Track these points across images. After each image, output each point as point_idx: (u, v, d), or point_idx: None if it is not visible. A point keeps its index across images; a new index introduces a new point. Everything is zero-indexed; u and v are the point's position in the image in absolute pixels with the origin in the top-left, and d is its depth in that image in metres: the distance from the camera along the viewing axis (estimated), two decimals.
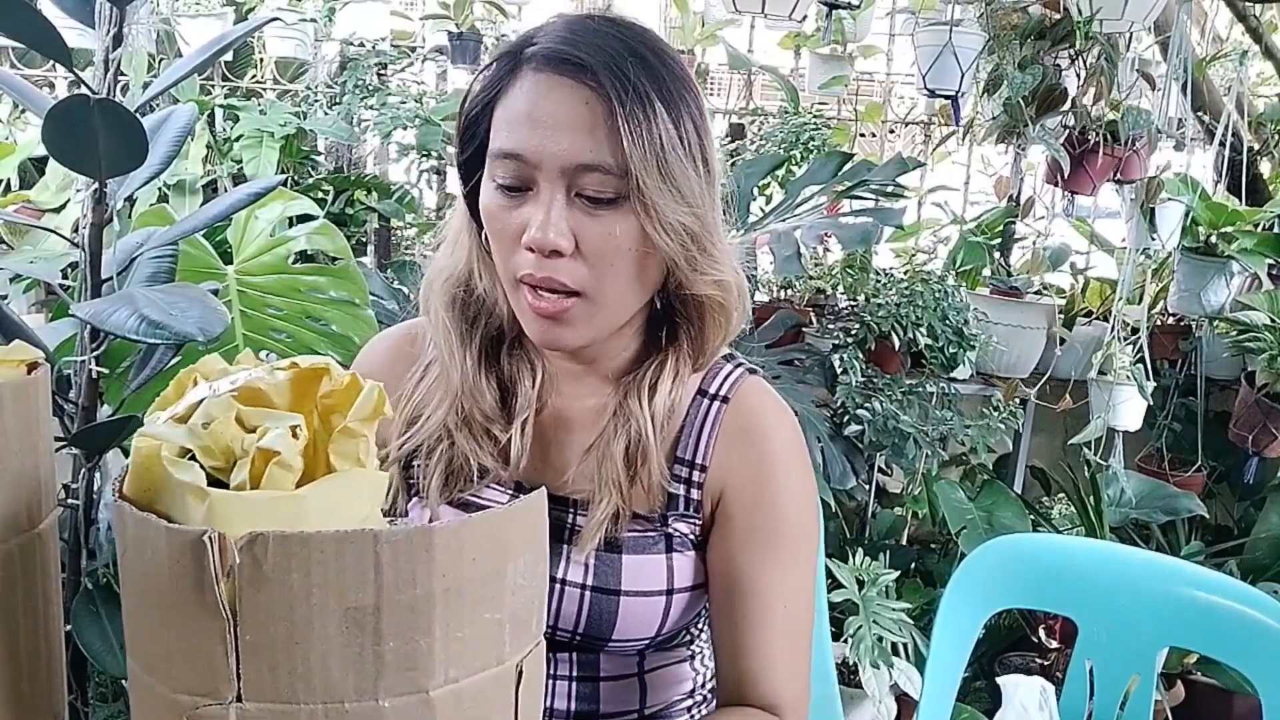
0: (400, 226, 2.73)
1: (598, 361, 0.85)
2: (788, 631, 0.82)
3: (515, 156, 0.73)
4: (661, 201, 0.72)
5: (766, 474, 0.84)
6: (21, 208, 2.17)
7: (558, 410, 0.87)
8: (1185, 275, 2.53)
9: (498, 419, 0.84)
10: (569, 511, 0.85)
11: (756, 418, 0.86)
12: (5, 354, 0.57)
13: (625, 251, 0.74)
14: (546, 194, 0.73)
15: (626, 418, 0.82)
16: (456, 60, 2.85)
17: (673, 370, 0.83)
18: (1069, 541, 1.49)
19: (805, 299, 2.60)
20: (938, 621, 1.23)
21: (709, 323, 0.82)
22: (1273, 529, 2.38)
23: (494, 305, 0.84)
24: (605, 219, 0.73)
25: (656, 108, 0.72)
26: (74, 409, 1.25)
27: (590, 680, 0.87)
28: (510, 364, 0.85)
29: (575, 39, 0.73)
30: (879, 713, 1.82)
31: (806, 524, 0.86)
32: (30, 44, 1.07)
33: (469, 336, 0.84)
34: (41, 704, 0.58)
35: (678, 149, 0.73)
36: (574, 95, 0.72)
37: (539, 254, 0.73)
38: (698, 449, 0.85)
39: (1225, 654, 1.20)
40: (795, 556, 0.84)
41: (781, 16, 2.42)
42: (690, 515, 0.85)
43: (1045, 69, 2.33)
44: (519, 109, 0.74)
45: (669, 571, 0.84)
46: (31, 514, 0.56)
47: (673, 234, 0.74)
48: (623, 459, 0.81)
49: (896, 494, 2.49)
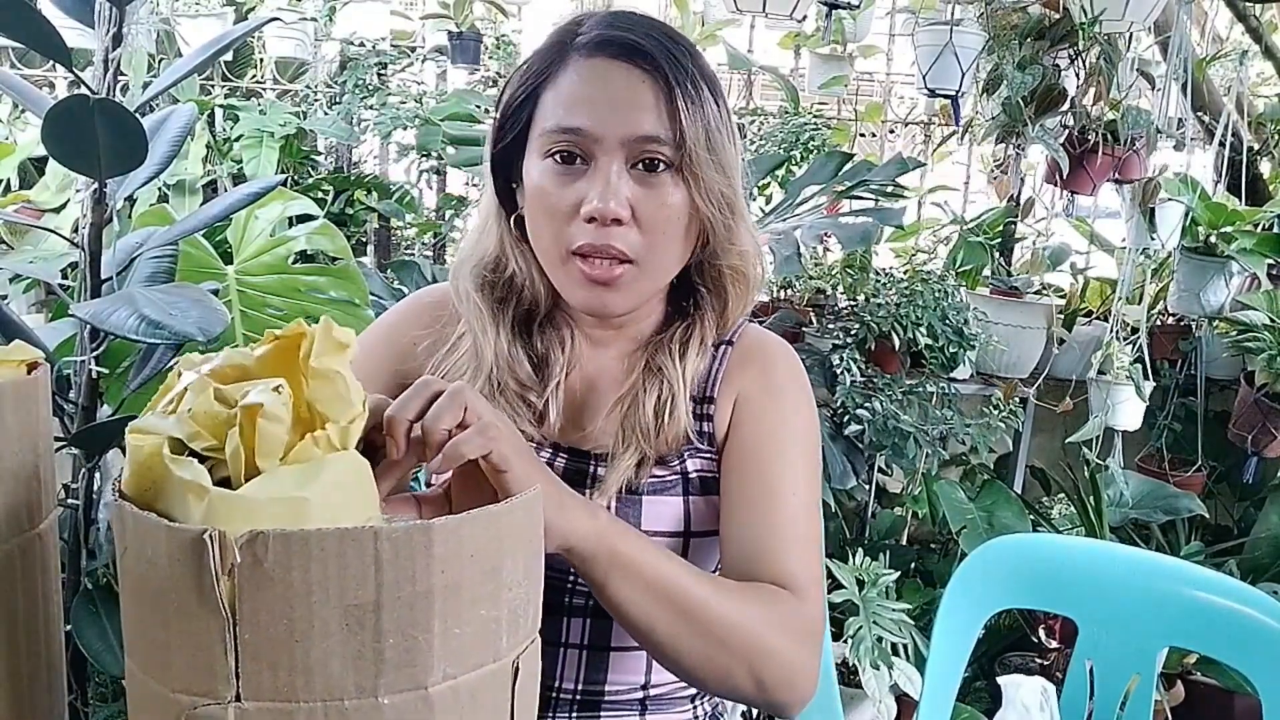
0: (400, 226, 2.73)
1: (626, 327, 0.91)
2: (799, 517, 0.84)
3: (575, 130, 0.79)
4: (708, 172, 0.80)
5: (772, 388, 0.90)
6: (21, 208, 2.17)
7: (586, 374, 0.92)
8: (1185, 275, 2.53)
9: (534, 386, 0.88)
10: (590, 463, 0.89)
11: (759, 345, 0.93)
12: (5, 354, 0.57)
13: (674, 220, 0.81)
14: (605, 165, 0.79)
15: (657, 373, 0.87)
16: (456, 60, 2.85)
17: (699, 335, 0.89)
18: (1069, 541, 1.49)
19: (805, 299, 2.60)
20: (938, 621, 1.23)
21: (732, 291, 0.89)
22: (1272, 529, 2.38)
23: (524, 285, 0.89)
24: (658, 189, 0.80)
25: (703, 89, 0.81)
26: (74, 409, 1.25)
27: (601, 650, 0.89)
28: (541, 340, 0.90)
29: (626, 26, 0.81)
30: (879, 713, 1.81)
31: (811, 437, 0.89)
32: (30, 44, 1.07)
33: (501, 313, 0.89)
34: (41, 704, 0.58)
35: (722, 125, 0.82)
36: (632, 75, 0.79)
37: (599, 223, 0.79)
38: (706, 387, 0.90)
39: (1225, 654, 1.19)
40: (804, 459, 0.87)
41: (782, 16, 2.42)
42: (704, 450, 0.89)
43: (1045, 69, 2.33)
44: (576, 89, 0.80)
45: (686, 514, 0.88)
46: (31, 514, 0.56)
47: (715, 201, 0.82)
48: (653, 410, 0.86)
49: (896, 494, 2.49)
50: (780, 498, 0.84)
